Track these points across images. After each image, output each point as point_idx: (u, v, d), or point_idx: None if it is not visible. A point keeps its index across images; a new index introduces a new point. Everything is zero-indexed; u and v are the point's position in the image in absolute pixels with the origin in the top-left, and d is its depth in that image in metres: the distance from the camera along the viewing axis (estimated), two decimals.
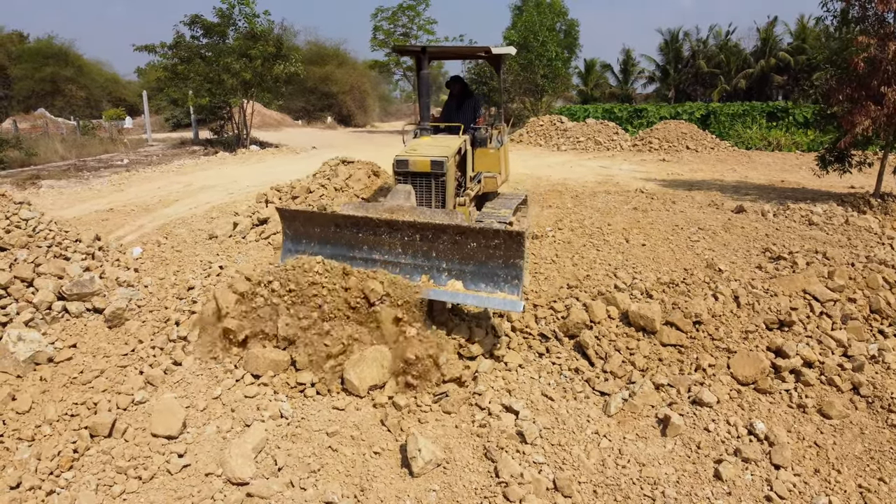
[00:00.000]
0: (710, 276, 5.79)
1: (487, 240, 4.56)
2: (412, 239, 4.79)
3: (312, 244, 5.16)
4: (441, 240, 4.71)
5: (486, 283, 4.62)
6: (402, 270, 4.83)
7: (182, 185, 12.03)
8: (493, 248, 4.56)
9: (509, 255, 4.52)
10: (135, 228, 8.35)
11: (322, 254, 4.98)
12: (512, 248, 4.49)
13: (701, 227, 7.93)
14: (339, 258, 4.92)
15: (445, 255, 4.73)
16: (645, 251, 6.75)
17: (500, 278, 4.58)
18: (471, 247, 4.63)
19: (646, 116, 27.82)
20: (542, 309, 5.13)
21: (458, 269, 4.71)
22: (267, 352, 4.55)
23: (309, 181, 8.10)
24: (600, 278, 5.71)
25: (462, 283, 4.66)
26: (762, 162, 17.73)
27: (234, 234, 7.47)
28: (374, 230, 4.88)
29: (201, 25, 18.37)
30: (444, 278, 4.73)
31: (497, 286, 4.58)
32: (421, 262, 4.81)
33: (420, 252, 4.81)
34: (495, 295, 4.54)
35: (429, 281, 4.74)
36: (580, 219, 8.35)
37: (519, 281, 4.53)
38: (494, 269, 4.59)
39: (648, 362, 4.67)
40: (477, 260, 4.64)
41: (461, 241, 4.65)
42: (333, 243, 5.06)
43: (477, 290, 4.62)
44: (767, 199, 10.67)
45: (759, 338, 4.90)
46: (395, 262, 4.87)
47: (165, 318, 5.34)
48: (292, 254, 5.17)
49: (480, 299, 4.55)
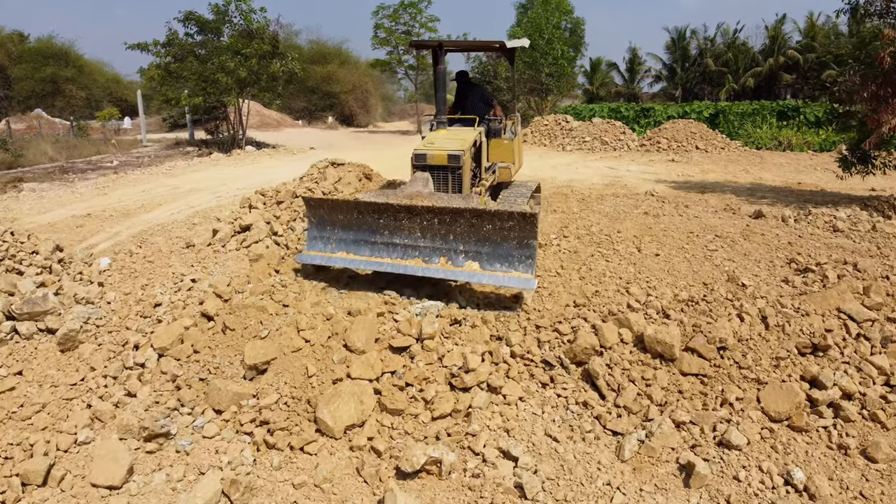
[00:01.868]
0: (732, 292, 5.20)
1: (502, 222, 4.82)
2: (430, 223, 5.05)
3: (336, 230, 5.39)
4: (458, 223, 4.97)
5: (501, 263, 4.91)
6: (420, 253, 5.12)
7: (169, 188, 11.49)
8: (507, 230, 4.83)
9: (523, 235, 4.78)
10: (110, 235, 7.81)
11: (345, 239, 5.33)
12: (526, 229, 4.75)
13: (718, 235, 7.32)
14: (361, 243, 5.27)
15: (462, 238, 5.00)
16: (659, 262, 6.16)
17: (514, 258, 4.86)
18: (486, 229, 4.90)
19: (653, 116, 27.19)
20: (546, 331, 4.54)
21: (474, 250, 4.99)
22: (230, 383, 3.98)
23: (295, 185, 7.55)
24: (611, 295, 5.11)
25: (478, 264, 4.95)
26: (775, 162, 17.09)
27: (213, 242, 6.91)
28: (395, 215, 5.12)
29: (196, 22, 17.81)
30: (461, 260, 5.02)
31: (512, 266, 4.87)
32: (439, 244, 5.07)
33: (438, 235, 5.07)
34: (510, 274, 4.82)
35: (447, 262, 5.02)
36: (587, 225, 7.76)
37: (532, 260, 4.81)
38: (509, 249, 4.87)
39: (667, 395, 4.09)
40: (492, 241, 4.92)
41: (477, 223, 4.90)
42: (356, 229, 5.30)
43: (493, 271, 4.89)
44: (786, 202, 10.05)
45: (792, 365, 4.31)
46: (414, 245, 5.13)
47: (124, 340, 4.78)
48: (317, 240, 5.46)
49: (497, 278, 4.82)
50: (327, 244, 5.43)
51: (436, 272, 4.99)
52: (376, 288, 5.19)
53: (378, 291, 5.11)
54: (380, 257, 5.20)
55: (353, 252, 5.30)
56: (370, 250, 5.25)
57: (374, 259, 5.21)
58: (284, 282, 5.22)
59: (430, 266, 5.04)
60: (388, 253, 5.19)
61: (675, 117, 25.51)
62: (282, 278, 5.27)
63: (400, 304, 4.88)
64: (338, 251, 5.35)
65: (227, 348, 4.36)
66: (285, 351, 4.15)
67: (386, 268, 5.11)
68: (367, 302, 4.88)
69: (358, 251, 5.29)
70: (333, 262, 5.32)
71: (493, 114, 7.47)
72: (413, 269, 5.04)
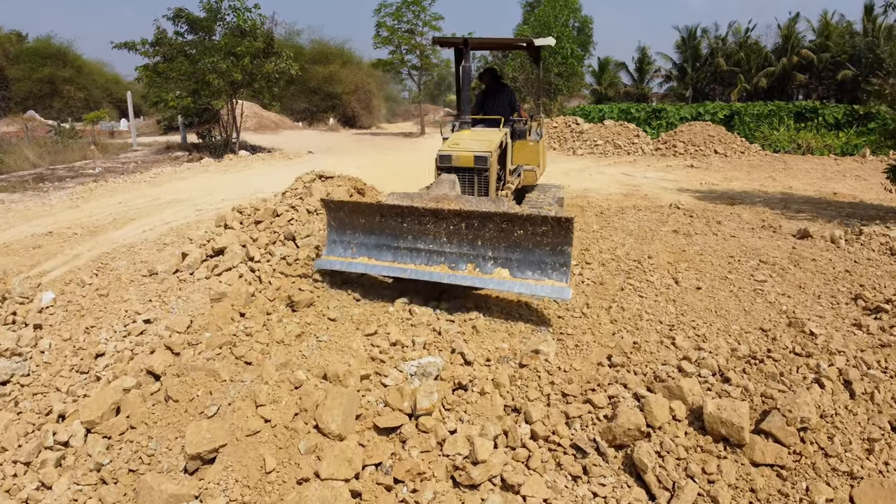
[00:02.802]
0: (801, 345, 4.24)
1: (535, 227, 4.51)
2: (458, 227, 4.76)
3: (357, 234, 5.10)
4: (487, 227, 4.66)
5: (533, 270, 4.59)
6: (446, 259, 4.81)
7: (149, 199, 10.55)
8: (540, 235, 4.51)
9: (557, 241, 4.48)
10: (68, 259, 6.89)
11: (366, 244, 5.04)
12: (560, 234, 4.44)
13: (763, 260, 6.35)
14: (383, 248, 4.98)
15: (492, 243, 4.69)
16: (702, 298, 5.19)
17: (547, 266, 4.54)
18: (518, 234, 4.59)
19: (665, 117, 26.19)
20: (576, 402, 3.58)
21: (504, 256, 4.66)
22: (165, 481, 3.04)
23: (276, 201, 6.61)
24: (653, 348, 4.15)
25: (508, 272, 4.63)
26: (801, 168, 16.07)
27: (180, 268, 5.98)
28: (420, 219, 4.83)
29: (186, 20, 16.86)
30: (489, 266, 4.69)
31: (545, 274, 4.54)
32: (466, 250, 4.76)
33: (465, 240, 4.77)
34: (543, 282, 4.50)
35: (474, 269, 4.70)
36: (611, 247, 6.80)
37: (567, 268, 4.50)
38: (542, 256, 4.55)
39: (736, 496, 3.12)
40: (524, 248, 4.60)
41: (508, 228, 4.59)
42: (378, 233, 5.01)
43: (524, 278, 4.57)
44: (826, 217, 9.06)
45: (888, 448, 3.35)
46: (439, 251, 4.83)
47: (48, 408, 3.85)
48: (337, 244, 5.16)
49: (528, 286, 4.53)
50: (347, 249, 5.15)
51: (463, 279, 4.66)
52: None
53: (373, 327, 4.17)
54: (403, 263, 4.89)
55: (374, 257, 5.02)
56: (393, 255, 4.96)
57: (397, 265, 4.90)
58: (250, 329, 4.28)
59: (457, 273, 4.73)
60: (411, 259, 4.89)
61: (688, 119, 24.51)
62: (246, 325, 4.32)
63: (390, 360, 3.92)
64: (359, 256, 5.07)
65: (168, 427, 3.41)
66: (238, 435, 3.20)
67: (409, 274, 4.79)
68: (349, 358, 3.92)
69: (380, 256, 5.00)
70: (354, 268, 5.01)
71: (517, 115, 7.29)
72: (439, 275, 4.73)
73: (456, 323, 4.56)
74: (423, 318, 4.60)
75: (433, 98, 64.11)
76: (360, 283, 5.33)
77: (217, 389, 3.55)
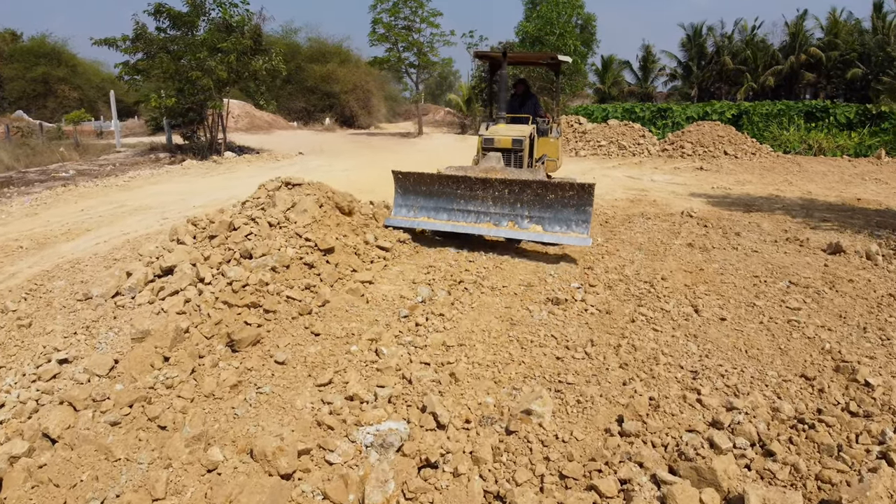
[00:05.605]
0: (856, 399, 3.41)
1: (564, 191, 5.90)
2: (501, 193, 6.15)
3: (419, 199, 6.50)
4: (525, 192, 6.06)
5: (560, 226, 5.94)
6: (491, 218, 6.21)
7: (114, 205, 9.73)
8: (567, 198, 5.88)
9: (581, 203, 5.85)
10: (4, 278, 6.08)
11: (427, 206, 6.46)
12: (583, 197, 5.82)
13: (793, 281, 5.52)
14: (440, 210, 6.41)
15: (528, 205, 6.07)
16: (728, 333, 4.35)
17: (572, 222, 5.89)
18: (549, 198, 5.97)
19: (671, 116, 25.33)
20: (577, 490, 2.73)
21: (537, 216, 6.05)
22: None
23: (234, 213, 5.79)
24: (674, 407, 3.30)
25: (541, 227, 5.99)
26: (816, 171, 15.19)
27: (121, 291, 5.17)
28: (471, 187, 6.23)
29: (168, 15, 16.01)
30: (525, 223, 6.07)
31: (570, 228, 5.90)
32: (507, 211, 6.15)
33: (507, 203, 6.16)
34: (569, 234, 5.87)
35: (513, 226, 6.11)
36: (619, 265, 5.96)
37: (587, 223, 5.85)
38: (568, 215, 5.90)
39: None
40: (554, 208, 5.96)
41: (542, 192, 5.99)
42: (437, 197, 6.42)
43: (553, 231, 5.95)
44: (854, 227, 8.20)
45: None
46: (486, 212, 6.24)
47: None
48: (402, 207, 6.55)
49: (557, 237, 5.90)
50: (410, 210, 6.52)
51: (505, 233, 6.11)
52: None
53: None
54: (456, 221, 6.31)
55: (433, 217, 6.41)
56: (448, 215, 6.37)
57: (451, 223, 6.31)
58: (172, 379, 3.45)
59: (501, 228, 6.14)
60: (463, 218, 6.31)
61: (694, 118, 23.66)
62: (168, 373, 3.50)
63: (341, 426, 3.09)
64: (420, 216, 6.45)
65: None
66: None
67: (461, 229, 6.22)
68: (289, 421, 3.10)
69: (437, 216, 6.40)
70: (417, 225, 6.39)
71: (542, 116, 8.47)
72: (485, 230, 6.20)
73: (432, 367, 3.75)
74: (392, 360, 3.78)
75: (434, 97, 63.06)
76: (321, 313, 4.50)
77: (106, 474, 2.72)
